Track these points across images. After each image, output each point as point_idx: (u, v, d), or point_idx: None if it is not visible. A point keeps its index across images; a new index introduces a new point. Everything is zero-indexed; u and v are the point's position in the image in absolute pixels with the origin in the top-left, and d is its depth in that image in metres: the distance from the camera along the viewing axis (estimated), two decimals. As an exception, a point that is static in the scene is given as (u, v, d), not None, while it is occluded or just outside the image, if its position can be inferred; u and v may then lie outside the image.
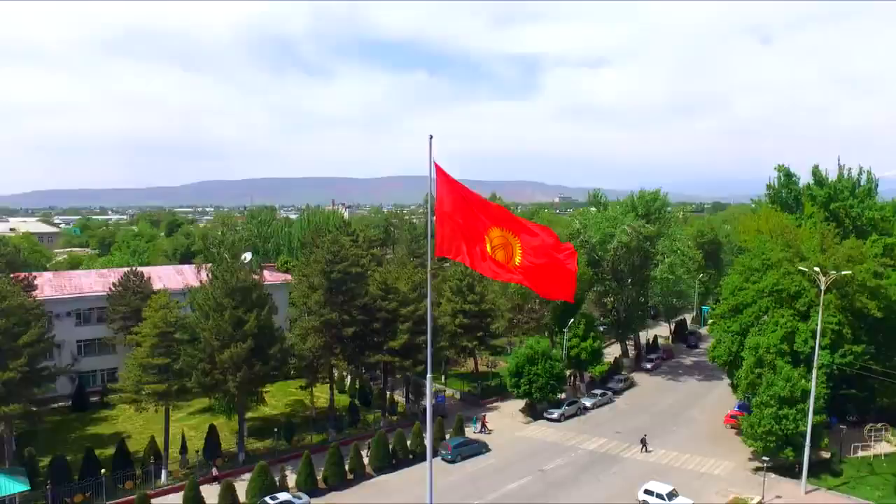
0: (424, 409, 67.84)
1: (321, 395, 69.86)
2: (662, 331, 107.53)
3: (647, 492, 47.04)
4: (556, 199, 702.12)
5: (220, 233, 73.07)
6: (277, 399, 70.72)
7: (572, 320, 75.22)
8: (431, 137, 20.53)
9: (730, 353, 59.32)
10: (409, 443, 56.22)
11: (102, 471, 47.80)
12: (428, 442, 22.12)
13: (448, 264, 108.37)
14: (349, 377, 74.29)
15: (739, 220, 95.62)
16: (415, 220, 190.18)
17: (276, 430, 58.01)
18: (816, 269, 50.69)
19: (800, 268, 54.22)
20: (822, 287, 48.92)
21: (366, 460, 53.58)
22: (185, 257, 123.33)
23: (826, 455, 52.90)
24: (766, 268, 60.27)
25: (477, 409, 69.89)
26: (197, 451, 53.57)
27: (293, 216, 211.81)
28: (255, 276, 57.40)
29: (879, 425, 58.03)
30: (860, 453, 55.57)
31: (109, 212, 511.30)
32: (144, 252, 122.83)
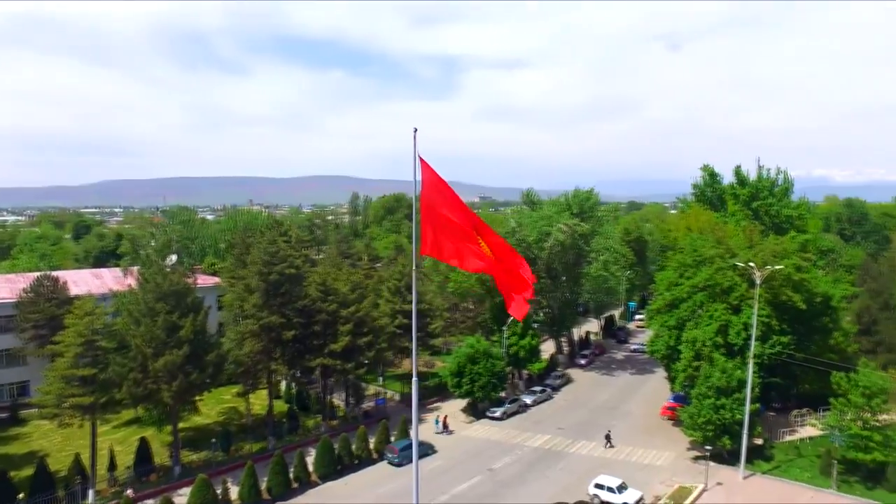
0: (365, 413, 66.50)
1: (256, 401, 67.21)
2: (592, 327, 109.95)
3: (597, 486, 47.55)
4: (476, 199, 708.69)
5: (148, 233, 68.78)
6: (210, 407, 67.32)
7: (511, 318, 75.47)
8: (416, 131, 19.53)
9: (668, 347, 60.95)
10: (353, 447, 54.68)
11: (20, 495, 43.93)
12: (414, 441, 21.18)
13: (380, 264, 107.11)
14: (285, 382, 71.76)
15: (669, 218, 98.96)
16: (339, 221, 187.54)
17: (213, 440, 55.09)
18: (752, 264, 52.82)
19: (736, 263, 56.29)
20: (758, 281, 50.97)
21: (311, 467, 51.67)
22: (100, 260, 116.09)
23: (758, 442, 55.21)
24: (698, 264, 62.34)
25: (419, 410, 68.87)
26: (128, 467, 50.16)
27: (209, 217, 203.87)
28: (188, 279, 54.32)
29: (804, 410, 61.18)
30: (787, 438, 58.37)
31: (5, 213, 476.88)
32: (51, 256, 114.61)
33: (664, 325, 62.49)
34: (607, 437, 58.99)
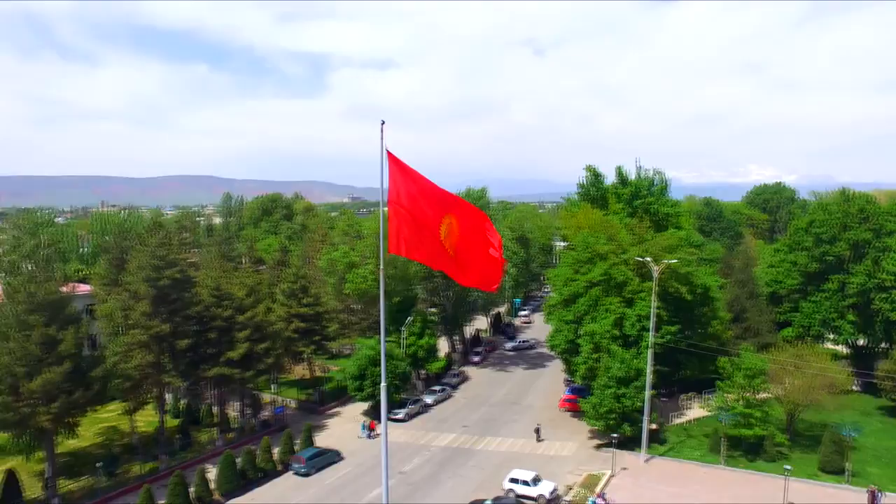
0: (263, 423, 63.30)
1: (138, 418, 61.92)
2: (481, 324, 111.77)
3: (512, 480, 48.11)
4: (347, 200, 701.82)
5: (12, 237, 60.87)
6: (85, 428, 60.77)
7: (410, 318, 74.97)
8: (383, 123, 18.86)
9: (567, 341, 62.98)
10: (258, 460, 51.72)
11: None
12: (383, 445, 20.20)
13: (264, 266, 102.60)
14: (170, 395, 66.66)
15: (561, 216, 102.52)
16: (210, 223, 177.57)
17: (98, 464, 49.92)
18: (649, 258, 55.81)
19: (638, 258, 59.14)
20: (655, 275, 53.91)
21: (212, 485, 48.22)
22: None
23: (654, 427, 58.45)
24: (592, 260, 64.94)
25: (317, 416, 66.75)
26: (-5, 504, 44.21)
27: (59, 220, 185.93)
28: (64, 288, 48.90)
29: (691, 394, 65.65)
30: (676, 421, 62.35)
31: None
32: None
33: (562, 320, 64.52)
34: (537, 431, 59.94)
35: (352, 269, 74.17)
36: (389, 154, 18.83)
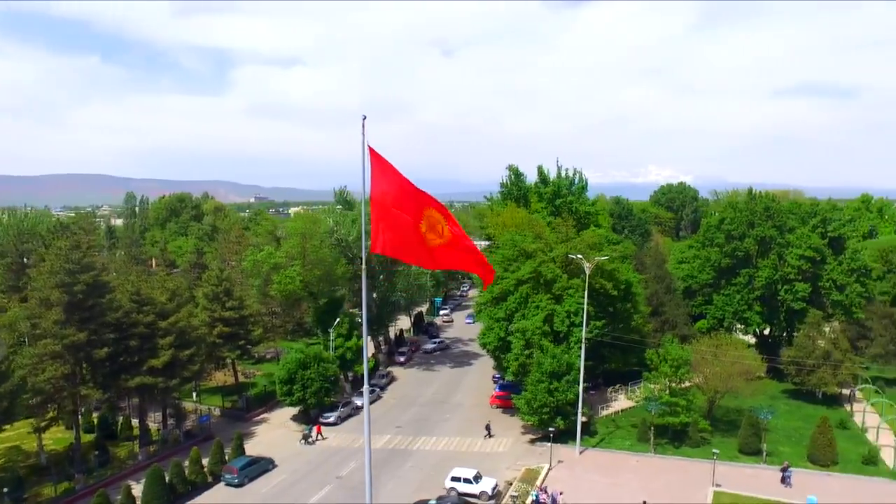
0: (188, 433, 60.40)
1: (45, 436, 57.50)
2: (403, 324, 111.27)
3: (454, 479, 48.11)
4: (252, 200, 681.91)
5: None
6: (-17, 450, 56.14)
7: (338, 320, 73.58)
8: (365, 118, 18.37)
9: (499, 338, 63.68)
10: (187, 472, 49.16)
11: None
12: (366, 446, 19.65)
13: (177, 269, 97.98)
14: (83, 409, 62.29)
15: (480, 215, 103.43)
16: (110, 225, 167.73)
17: (4, 489, 45.81)
18: (580, 256, 57.31)
19: (570, 255, 60.50)
20: (587, 272, 55.43)
21: (139, 502, 45.37)
22: None
23: (584, 419, 60.06)
24: (520, 257, 66.02)
25: (244, 424, 64.29)
26: None
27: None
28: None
29: (616, 386, 68.01)
30: (604, 413, 64.40)
31: None
32: None
33: (493, 317, 65.19)
34: (487, 428, 60.20)
35: (278, 271, 71.96)
36: (371, 151, 18.34)
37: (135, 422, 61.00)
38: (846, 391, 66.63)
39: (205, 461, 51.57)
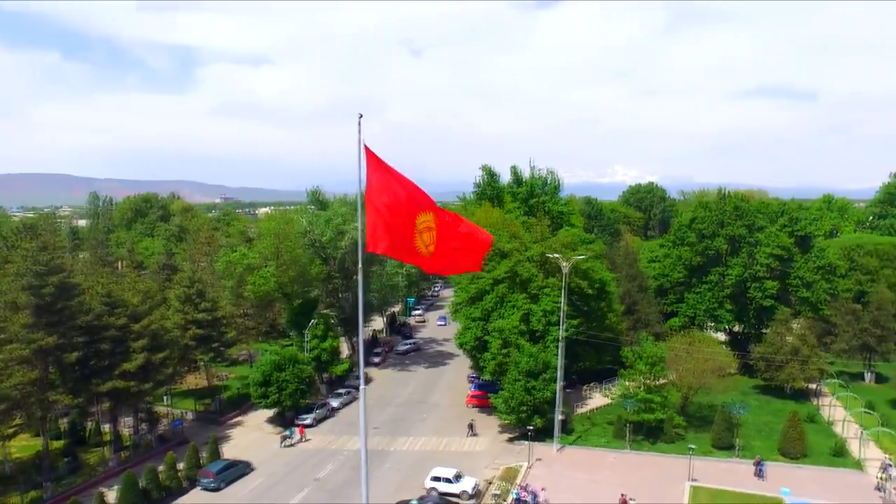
0: (161, 437, 59.33)
1: (10, 444, 55.91)
2: (376, 325, 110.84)
3: (434, 478, 48.08)
4: (219, 200, 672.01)
5: None
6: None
7: (313, 321, 72.92)
8: (361, 116, 18.29)
9: (476, 338, 63.77)
10: (161, 477, 48.22)
11: None
12: (362, 449, 19.50)
13: (146, 271, 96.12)
14: (51, 414, 60.74)
15: (461, 215, 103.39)
16: (72, 225, 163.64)
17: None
18: (557, 255, 57.73)
19: (548, 255, 60.85)
20: (565, 271, 55.86)
21: (113, 509, 44.44)
22: None
23: (561, 417, 60.58)
24: (496, 257, 66.24)
25: (218, 427, 63.33)
26: None
27: None
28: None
29: (592, 384, 68.70)
30: (579, 411, 65.01)
31: None
32: None
33: (470, 317, 65.28)
34: (470, 427, 60.36)
35: (252, 272, 71.05)
36: (367, 149, 18.27)
37: (105, 427, 59.72)
38: (813, 386, 68.33)
39: (180, 466, 50.70)
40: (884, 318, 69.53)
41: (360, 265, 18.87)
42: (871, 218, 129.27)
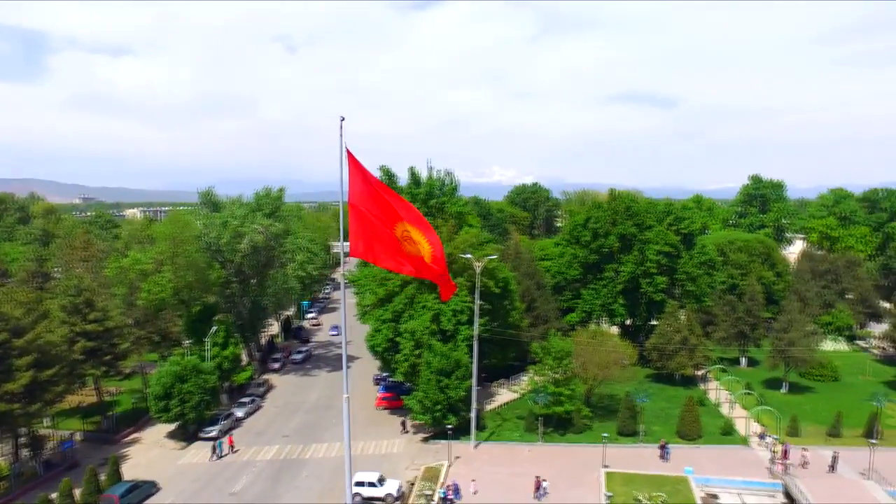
0: (47, 462, 54.37)
1: None
2: (271, 329, 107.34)
3: (357, 483, 47.50)
4: (78, 201, 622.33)
5: None
6: None
7: (214, 328, 69.50)
8: (343, 119, 18.10)
9: (387, 340, 63.45)
10: (58, 506, 44.27)
11: None
12: (346, 452, 19.20)
13: (12, 279, 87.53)
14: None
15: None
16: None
17: None
18: (468, 255, 58.68)
19: (460, 255, 61.50)
20: (478, 271, 56.91)
21: (5, 544, 40.27)
22: None
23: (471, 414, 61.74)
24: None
25: (113, 446, 58.94)
26: None
27: None
28: None
29: (500, 381, 70.43)
30: (489, 407, 66.52)
31: None
32: None
33: (379, 319, 64.88)
34: (403, 424, 60.71)
35: (146, 278, 66.62)
36: (349, 153, 18.08)
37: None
38: (700, 372, 74.07)
39: (77, 492, 46.71)
40: (755, 307, 76.67)
41: (342, 273, 18.50)
42: (734, 216, 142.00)
